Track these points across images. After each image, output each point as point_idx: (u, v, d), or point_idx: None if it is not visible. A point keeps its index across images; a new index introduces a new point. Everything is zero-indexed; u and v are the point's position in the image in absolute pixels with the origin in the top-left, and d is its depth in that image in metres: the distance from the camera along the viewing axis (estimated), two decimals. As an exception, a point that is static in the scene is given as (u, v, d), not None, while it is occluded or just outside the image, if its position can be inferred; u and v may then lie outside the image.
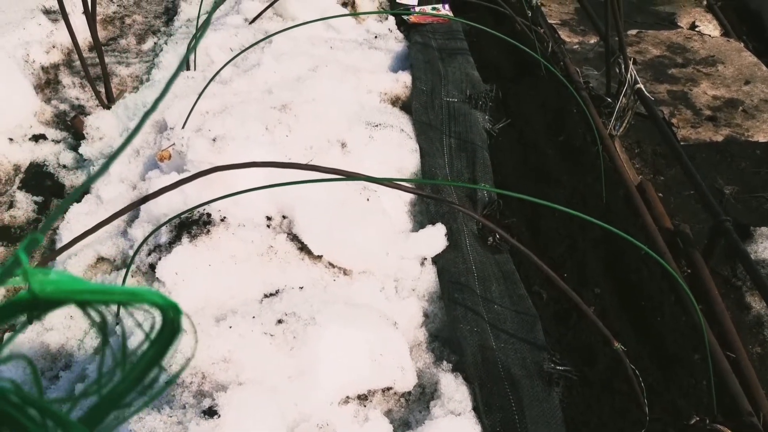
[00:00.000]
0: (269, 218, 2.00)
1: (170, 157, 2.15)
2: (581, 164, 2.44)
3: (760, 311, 2.08)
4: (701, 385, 1.71)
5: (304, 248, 1.95)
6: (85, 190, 2.33)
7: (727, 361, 1.73)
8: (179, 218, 1.86)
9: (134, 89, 3.02)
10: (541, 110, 2.75)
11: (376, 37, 3.22)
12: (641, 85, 2.53)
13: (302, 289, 1.83)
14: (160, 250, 1.88)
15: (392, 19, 3.39)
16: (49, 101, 2.96)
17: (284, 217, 2.01)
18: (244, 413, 1.42)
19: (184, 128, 2.25)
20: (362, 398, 1.68)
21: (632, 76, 2.52)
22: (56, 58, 3.17)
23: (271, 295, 1.82)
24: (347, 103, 2.56)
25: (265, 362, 1.57)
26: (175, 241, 1.87)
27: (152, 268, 1.84)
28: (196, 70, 2.84)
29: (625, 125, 2.65)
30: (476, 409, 1.61)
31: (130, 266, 1.74)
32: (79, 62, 2.79)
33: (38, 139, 2.74)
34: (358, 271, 1.95)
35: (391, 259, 1.97)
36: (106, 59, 2.84)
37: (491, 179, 2.38)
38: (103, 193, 2.26)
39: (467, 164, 2.43)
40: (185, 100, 2.38)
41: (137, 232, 2.01)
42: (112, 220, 1.75)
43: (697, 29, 3.80)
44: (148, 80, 2.99)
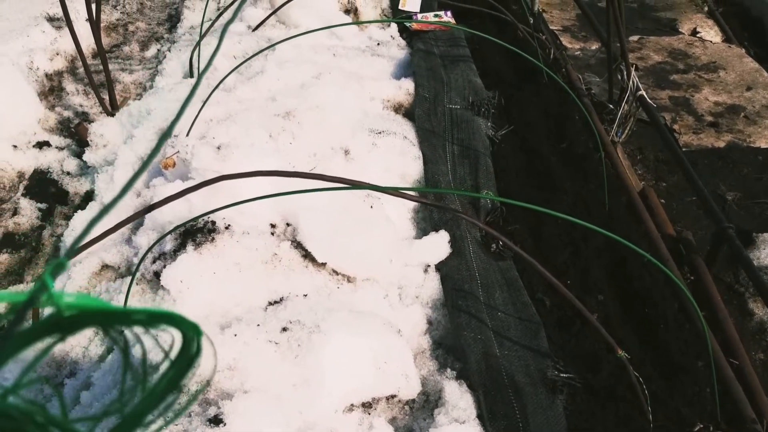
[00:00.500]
0: (273, 226, 2.01)
1: (174, 164, 2.16)
2: (583, 171, 2.45)
3: (763, 318, 2.08)
4: (705, 392, 1.71)
5: (308, 255, 1.96)
6: (105, 205, 2.34)
7: (730, 368, 1.74)
8: (184, 226, 1.86)
9: (138, 96, 3.04)
10: (543, 117, 2.75)
11: (378, 44, 3.23)
12: (643, 91, 2.54)
13: (306, 296, 1.84)
14: (164, 257, 1.89)
15: (394, 26, 3.40)
16: (52, 108, 2.98)
17: (288, 224, 2.01)
18: (249, 421, 1.43)
19: (188, 136, 2.26)
20: (366, 406, 1.68)
21: (634, 82, 2.53)
22: (60, 65, 3.18)
23: (275, 302, 1.82)
24: (350, 110, 2.57)
25: (269, 370, 1.57)
26: (179, 248, 1.87)
27: (157, 275, 1.85)
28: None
29: (627, 132, 2.66)
30: (480, 416, 1.61)
31: (135, 274, 1.74)
32: (82, 69, 2.80)
33: (42, 146, 2.75)
34: (361, 278, 1.96)
35: (394, 266, 1.98)
36: (109, 66, 2.85)
37: (494, 186, 2.39)
38: (107, 200, 2.27)
39: (470, 171, 2.44)
40: (189, 107, 2.39)
41: (142, 239, 2.02)
42: (117, 228, 1.75)
43: (698, 35, 3.81)
44: (151, 87, 3.01)
